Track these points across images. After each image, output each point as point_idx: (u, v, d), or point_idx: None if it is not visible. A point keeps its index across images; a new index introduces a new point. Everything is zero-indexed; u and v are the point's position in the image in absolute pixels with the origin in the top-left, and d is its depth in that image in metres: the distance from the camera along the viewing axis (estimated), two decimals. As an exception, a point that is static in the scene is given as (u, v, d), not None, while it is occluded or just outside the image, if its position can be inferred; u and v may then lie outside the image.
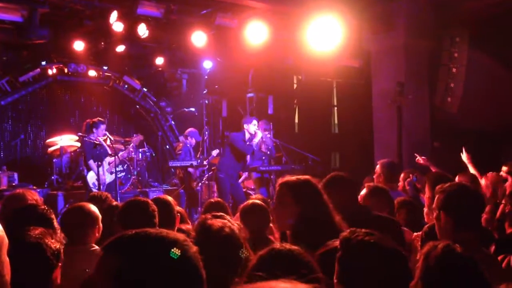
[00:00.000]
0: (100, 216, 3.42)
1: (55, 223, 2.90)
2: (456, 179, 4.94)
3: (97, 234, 3.37)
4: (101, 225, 3.40)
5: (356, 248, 1.94)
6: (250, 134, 8.46)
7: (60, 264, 2.24)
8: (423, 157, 6.19)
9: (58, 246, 2.21)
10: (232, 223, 2.46)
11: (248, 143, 8.41)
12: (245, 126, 8.48)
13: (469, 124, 8.31)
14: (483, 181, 5.41)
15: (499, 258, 2.88)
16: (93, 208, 3.45)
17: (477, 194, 3.04)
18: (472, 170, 5.67)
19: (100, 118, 8.83)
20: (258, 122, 8.72)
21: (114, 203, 4.21)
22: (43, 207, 3.00)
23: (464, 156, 5.92)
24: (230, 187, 8.39)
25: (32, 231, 2.18)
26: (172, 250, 2.26)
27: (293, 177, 2.88)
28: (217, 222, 2.39)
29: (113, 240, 1.34)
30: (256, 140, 8.46)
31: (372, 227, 2.07)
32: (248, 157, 8.91)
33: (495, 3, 8.24)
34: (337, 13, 7.68)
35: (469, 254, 1.97)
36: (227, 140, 8.69)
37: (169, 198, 3.70)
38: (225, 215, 2.57)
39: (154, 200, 3.61)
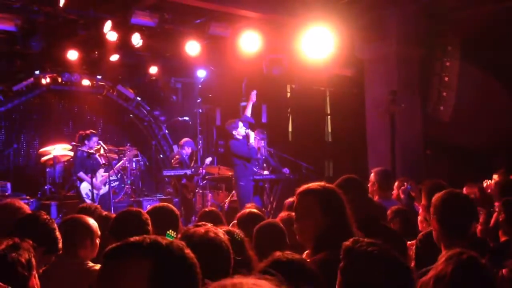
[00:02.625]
0: (97, 232, 3.27)
1: (57, 234, 2.88)
2: (464, 190, 4.97)
3: (92, 249, 3.22)
4: (97, 241, 3.26)
5: (359, 258, 1.90)
6: (243, 136, 8.42)
7: (34, 272, 2.20)
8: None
9: (27, 256, 2.15)
10: (216, 228, 2.46)
11: (248, 146, 8.38)
12: (235, 132, 8.39)
13: (462, 133, 8.37)
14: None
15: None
16: (91, 221, 3.31)
17: (470, 201, 3.06)
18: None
19: (92, 130, 8.81)
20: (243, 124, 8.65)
21: (104, 213, 4.17)
22: (45, 217, 2.97)
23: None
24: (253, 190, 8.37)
25: None
26: (168, 232, 2.31)
27: (318, 185, 2.68)
28: (200, 229, 2.41)
29: (131, 246, 1.38)
30: (251, 140, 8.42)
31: (379, 237, 2.05)
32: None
33: (487, 12, 8.33)
34: (329, 22, 7.74)
35: (490, 270, 1.96)
36: (230, 150, 8.58)
37: (172, 207, 3.67)
38: (207, 223, 2.55)
39: (157, 208, 3.59)
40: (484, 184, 4.54)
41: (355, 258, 1.91)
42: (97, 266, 3.11)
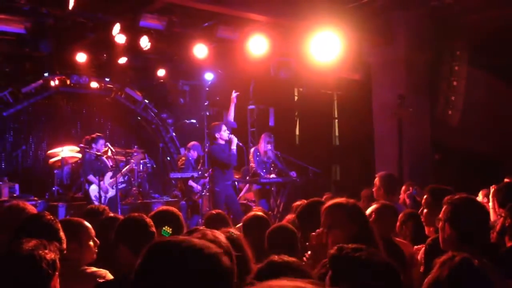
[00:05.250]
0: (88, 233, 3.21)
1: (61, 234, 2.89)
2: (480, 194, 4.93)
3: (83, 251, 3.14)
4: (90, 243, 3.20)
5: (345, 265, 1.89)
6: (226, 140, 8.31)
7: (57, 273, 2.23)
8: None
9: (53, 256, 2.19)
10: (214, 232, 2.44)
11: (229, 152, 8.25)
12: (217, 135, 8.27)
13: (470, 138, 8.32)
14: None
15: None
16: (81, 224, 3.23)
17: (483, 208, 3.04)
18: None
19: (98, 133, 8.84)
20: (227, 126, 8.52)
21: (111, 214, 4.16)
22: (49, 217, 2.98)
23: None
24: (225, 199, 8.26)
25: (25, 243, 2.16)
26: (164, 228, 2.30)
27: (343, 200, 2.89)
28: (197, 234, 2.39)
29: (149, 246, 1.40)
30: (233, 146, 8.30)
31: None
32: (253, 165, 8.87)
33: (495, 16, 8.30)
34: (337, 26, 7.73)
35: (485, 269, 1.95)
36: (208, 154, 8.50)
37: (175, 209, 3.67)
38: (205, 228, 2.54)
39: (161, 211, 3.59)
40: (492, 190, 4.50)
41: (342, 265, 1.90)
42: (92, 269, 3.08)
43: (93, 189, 8.49)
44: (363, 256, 1.90)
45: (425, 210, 3.78)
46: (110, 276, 3.04)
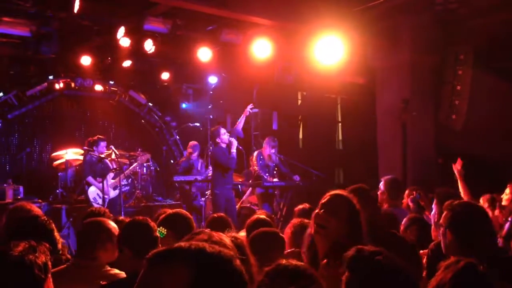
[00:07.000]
0: (114, 233, 3.31)
1: (56, 234, 2.91)
2: (482, 200, 4.92)
3: (112, 252, 3.24)
4: (112, 243, 3.28)
5: (362, 268, 1.88)
6: (226, 144, 8.38)
7: (49, 275, 2.21)
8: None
9: (44, 259, 2.11)
10: (220, 234, 2.44)
11: (229, 156, 8.31)
12: (218, 140, 8.37)
13: (474, 142, 8.29)
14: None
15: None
16: (113, 224, 3.37)
17: (484, 213, 3.03)
18: (460, 187, 5.47)
19: (100, 136, 8.88)
20: (227, 130, 8.59)
21: (121, 218, 4.18)
22: (43, 218, 3.01)
23: (457, 167, 5.68)
24: (225, 202, 8.28)
25: (13, 248, 2.06)
26: (159, 229, 2.28)
27: (345, 192, 2.89)
28: (203, 236, 2.39)
29: (176, 251, 1.34)
30: (233, 149, 8.36)
31: (386, 245, 2.04)
32: (257, 168, 8.88)
33: (499, 20, 8.29)
34: (341, 29, 7.74)
35: (488, 276, 1.94)
36: (211, 157, 8.57)
37: (186, 212, 3.67)
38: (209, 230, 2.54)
39: (172, 214, 3.59)
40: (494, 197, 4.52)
41: (359, 268, 1.88)
42: (115, 270, 3.17)
43: (92, 191, 8.52)
44: (380, 260, 1.87)
45: (434, 212, 3.78)
46: None
